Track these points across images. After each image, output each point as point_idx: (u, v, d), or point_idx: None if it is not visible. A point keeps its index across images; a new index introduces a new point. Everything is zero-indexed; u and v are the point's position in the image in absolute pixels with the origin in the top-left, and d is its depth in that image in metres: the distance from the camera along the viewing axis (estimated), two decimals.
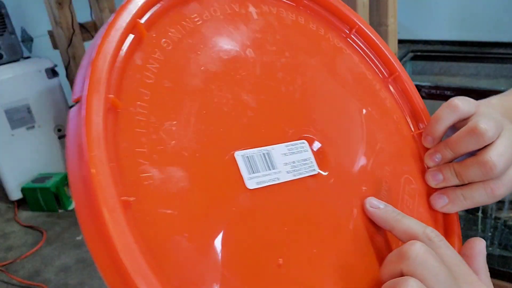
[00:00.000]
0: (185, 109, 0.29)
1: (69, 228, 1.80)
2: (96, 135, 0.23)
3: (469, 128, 0.34)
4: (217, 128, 0.29)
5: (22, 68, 1.91)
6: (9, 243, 1.75)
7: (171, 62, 0.29)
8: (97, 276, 1.51)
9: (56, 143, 2.04)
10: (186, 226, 0.25)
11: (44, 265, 1.60)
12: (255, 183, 0.29)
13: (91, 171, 0.22)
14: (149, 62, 0.29)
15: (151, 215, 0.25)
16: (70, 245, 1.69)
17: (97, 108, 0.24)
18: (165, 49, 0.30)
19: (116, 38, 0.27)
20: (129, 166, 0.25)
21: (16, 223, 1.88)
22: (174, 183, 0.26)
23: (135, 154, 0.25)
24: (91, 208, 0.22)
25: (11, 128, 1.91)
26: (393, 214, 0.32)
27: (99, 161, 0.23)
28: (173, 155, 0.27)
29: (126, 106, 0.26)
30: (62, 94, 2.03)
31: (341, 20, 0.41)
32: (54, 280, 1.52)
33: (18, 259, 1.64)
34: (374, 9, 1.22)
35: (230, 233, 0.27)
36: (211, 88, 0.30)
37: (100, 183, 0.22)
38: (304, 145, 0.33)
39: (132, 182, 0.25)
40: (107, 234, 0.21)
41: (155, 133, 0.27)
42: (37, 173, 2.00)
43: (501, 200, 1.31)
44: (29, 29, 2.78)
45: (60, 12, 1.89)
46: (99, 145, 0.23)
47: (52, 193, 1.89)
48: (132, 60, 0.28)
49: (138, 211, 0.24)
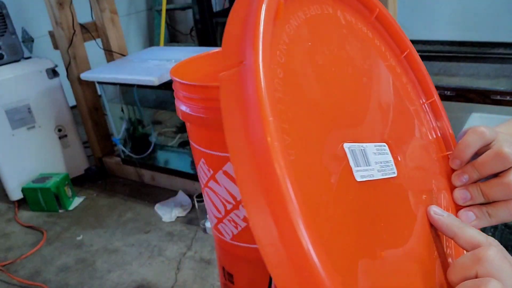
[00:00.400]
0: (307, 91, 0.32)
1: (70, 228, 1.80)
2: (268, 103, 0.25)
3: (495, 152, 0.38)
4: (329, 115, 0.33)
5: (23, 68, 1.91)
6: (10, 243, 1.76)
7: (293, 47, 0.32)
8: (97, 276, 1.51)
9: (56, 143, 2.05)
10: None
11: (45, 265, 1.60)
12: (360, 176, 0.32)
13: (267, 139, 0.24)
14: (280, 42, 0.31)
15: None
16: (70, 245, 1.69)
17: (266, 75, 0.25)
18: (289, 34, 0.32)
19: (271, 15, 0.28)
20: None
21: (17, 223, 1.89)
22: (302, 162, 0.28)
23: (282, 130, 0.27)
24: (263, 169, 0.24)
25: (12, 128, 1.91)
26: (456, 222, 0.35)
27: (273, 128, 0.24)
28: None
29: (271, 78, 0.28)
30: (63, 94, 2.03)
31: (396, 42, 0.46)
32: (54, 280, 1.52)
33: (19, 259, 1.64)
34: None
35: (343, 220, 0.29)
36: (320, 78, 0.33)
37: (274, 148, 0.24)
38: (385, 148, 0.37)
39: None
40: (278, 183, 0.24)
41: (291, 111, 0.29)
42: (37, 173, 2.00)
43: None
44: (29, 30, 2.78)
45: (61, 12, 1.89)
46: (272, 112, 0.25)
47: (52, 193, 1.89)
48: (273, 37, 0.29)
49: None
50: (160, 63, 1.78)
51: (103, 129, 2.17)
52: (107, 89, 1.92)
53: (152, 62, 1.82)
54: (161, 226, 1.72)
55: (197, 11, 2.46)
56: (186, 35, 3.64)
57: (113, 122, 2.01)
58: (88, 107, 2.09)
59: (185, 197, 1.85)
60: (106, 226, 1.78)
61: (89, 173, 2.12)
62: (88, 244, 1.68)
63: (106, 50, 2.10)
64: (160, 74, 1.60)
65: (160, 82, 1.59)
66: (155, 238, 1.66)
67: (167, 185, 1.97)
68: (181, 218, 1.76)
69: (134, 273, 1.49)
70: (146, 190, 2.01)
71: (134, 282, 1.45)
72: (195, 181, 1.84)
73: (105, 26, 2.04)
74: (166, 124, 2.42)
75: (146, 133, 2.00)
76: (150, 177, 2.02)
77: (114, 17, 2.06)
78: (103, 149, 2.19)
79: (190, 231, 1.67)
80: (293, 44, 0.31)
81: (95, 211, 1.90)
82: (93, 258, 1.60)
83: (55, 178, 1.94)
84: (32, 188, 1.91)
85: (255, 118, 0.24)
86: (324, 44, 0.36)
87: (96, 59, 2.12)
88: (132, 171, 2.07)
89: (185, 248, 1.58)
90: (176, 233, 1.67)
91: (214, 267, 1.46)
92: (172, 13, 3.66)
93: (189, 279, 1.43)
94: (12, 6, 2.04)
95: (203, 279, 1.42)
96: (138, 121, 2.00)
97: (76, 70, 1.99)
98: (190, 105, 0.66)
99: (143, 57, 1.92)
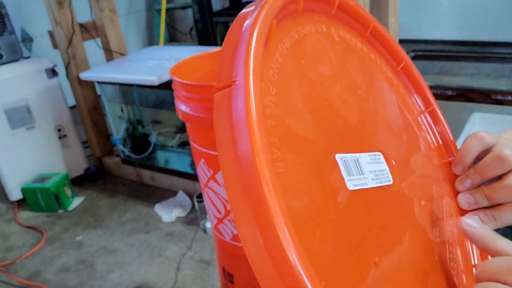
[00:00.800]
0: (300, 107, 0.33)
1: (69, 229, 1.80)
2: (256, 118, 0.27)
3: (495, 155, 0.39)
4: (321, 128, 0.34)
5: (22, 68, 1.91)
6: (9, 244, 1.75)
7: (286, 65, 0.34)
8: (97, 276, 1.51)
9: (56, 143, 2.04)
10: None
11: (44, 265, 1.60)
12: (352, 185, 0.33)
13: (253, 152, 0.26)
14: (273, 61, 0.33)
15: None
16: (70, 246, 1.69)
17: (256, 93, 0.27)
18: (282, 53, 0.34)
19: (262, 38, 0.30)
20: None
21: (16, 223, 1.88)
22: (292, 173, 0.29)
23: (270, 144, 0.28)
24: (249, 181, 0.25)
25: (11, 128, 1.91)
26: (489, 234, 0.36)
27: (260, 141, 0.26)
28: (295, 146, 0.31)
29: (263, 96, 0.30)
30: (62, 94, 2.02)
31: (392, 55, 0.48)
32: (54, 280, 1.52)
33: (18, 260, 1.64)
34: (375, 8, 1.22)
35: (332, 227, 0.30)
36: (313, 93, 0.35)
37: (260, 161, 0.25)
38: (380, 157, 0.38)
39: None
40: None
41: (282, 126, 0.30)
42: (37, 173, 2.00)
43: None
44: (29, 29, 2.78)
45: (60, 12, 1.89)
46: (259, 127, 0.26)
47: (52, 193, 1.89)
48: (265, 57, 0.32)
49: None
50: (160, 62, 1.77)
51: (103, 129, 2.17)
52: (107, 89, 1.92)
53: (151, 61, 1.82)
54: (161, 227, 1.72)
55: (197, 11, 2.46)
56: (186, 34, 3.64)
57: (113, 122, 2.00)
58: (88, 107, 2.08)
59: (185, 197, 1.85)
60: (105, 226, 1.78)
61: (89, 173, 2.12)
62: (87, 244, 1.68)
63: (105, 49, 2.10)
64: (160, 73, 1.60)
65: (159, 82, 1.58)
66: (155, 239, 1.65)
67: (167, 185, 1.97)
68: (181, 218, 1.75)
69: (134, 274, 1.49)
70: (145, 190, 2.00)
71: (134, 283, 1.45)
72: (195, 181, 1.84)
73: (105, 26, 2.03)
74: (165, 124, 2.42)
75: (145, 133, 2.00)
76: (150, 177, 2.02)
77: (113, 17, 2.05)
78: (103, 149, 2.18)
79: (190, 231, 1.67)
80: (286, 62, 0.33)
81: (94, 211, 1.90)
82: (92, 259, 1.60)
83: (55, 178, 1.93)
84: (31, 188, 1.91)
85: (243, 133, 0.26)
86: (318, 60, 0.38)
87: (96, 58, 2.12)
88: (132, 171, 2.07)
89: (185, 248, 1.58)
90: (176, 233, 1.67)
91: (214, 268, 1.46)
92: (172, 13, 3.65)
93: (189, 279, 1.43)
94: (11, 6, 2.04)
95: (203, 280, 1.42)
96: (138, 121, 1.99)
97: (76, 69, 1.99)
98: (190, 105, 0.65)
99: (142, 57, 1.92)
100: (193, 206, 1.79)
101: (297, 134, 0.32)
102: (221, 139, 0.28)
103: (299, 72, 0.35)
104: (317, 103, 0.35)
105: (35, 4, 2.40)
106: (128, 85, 1.74)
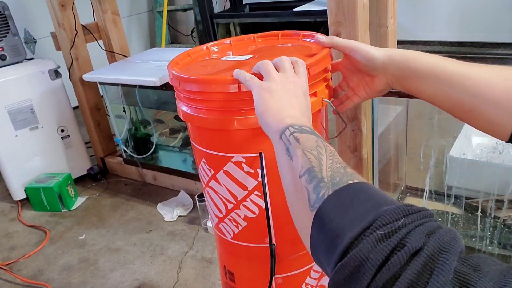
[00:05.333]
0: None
1: (72, 228, 1.82)
2: None
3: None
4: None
5: (26, 69, 1.93)
6: (13, 243, 1.77)
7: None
8: (100, 275, 1.52)
9: (59, 143, 2.06)
10: None
11: (48, 264, 1.62)
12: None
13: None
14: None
15: None
16: (73, 245, 1.71)
17: None
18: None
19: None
20: None
21: (20, 222, 1.90)
22: None
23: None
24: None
25: (15, 129, 1.93)
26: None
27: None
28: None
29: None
30: (65, 95, 2.04)
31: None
32: (57, 279, 1.53)
33: (22, 259, 1.66)
34: (374, 10, 1.23)
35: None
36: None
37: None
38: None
39: None
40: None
41: None
42: (40, 173, 2.02)
43: (500, 200, 1.31)
44: (32, 31, 2.80)
45: (63, 13, 1.90)
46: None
47: (55, 193, 1.90)
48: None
49: None
50: (162, 64, 1.79)
51: (105, 130, 2.19)
52: (109, 90, 1.93)
53: (153, 63, 1.84)
54: (163, 226, 1.74)
55: (198, 12, 2.47)
56: (187, 36, 3.65)
57: (115, 122, 2.02)
58: (90, 107, 2.10)
59: (186, 196, 1.87)
60: (108, 225, 1.79)
61: (92, 173, 2.14)
62: (90, 243, 1.70)
63: (108, 51, 2.12)
64: (162, 75, 1.61)
65: (161, 82, 1.60)
66: (157, 237, 1.67)
67: (168, 185, 1.98)
68: (183, 217, 1.77)
69: (136, 272, 1.51)
70: (148, 189, 2.02)
71: (136, 281, 1.47)
72: (196, 181, 1.86)
73: (107, 28, 2.05)
74: (167, 124, 2.43)
75: (147, 134, 2.02)
76: (152, 177, 2.03)
77: (116, 19, 2.07)
78: (105, 149, 2.20)
79: (191, 230, 1.68)
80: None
81: (97, 210, 1.92)
82: (95, 257, 1.61)
83: (58, 178, 1.95)
84: (35, 188, 1.93)
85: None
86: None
87: (98, 60, 2.14)
88: (134, 171, 2.08)
89: (187, 247, 1.59)
90: (178, 232, 1.68)
91: (215, 266, 1.47)
92: (173, 14, 3.67)
93: (191, 278, 1.44)
94: (14, 8, 2.05)
95: (205, 278, 1.43)
96: (140, 121, 2.01)
97: (78, 71, 2.00)
98: (191, 105, 0.67)
99: (144, 58, 1.94)
100: (194, 206, 1.81)
101: None
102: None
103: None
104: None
105: (38, 6, 2.41)
106: (130, 86, 1.76)
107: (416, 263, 0.30)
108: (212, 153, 0.69)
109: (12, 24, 1.92)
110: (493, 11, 2.03)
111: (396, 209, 0.34)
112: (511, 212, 1.31)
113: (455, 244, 0.31)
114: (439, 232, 0.32)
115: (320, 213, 0.38)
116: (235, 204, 0.72)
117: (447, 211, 1.42)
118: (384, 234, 0.32)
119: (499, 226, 1.31)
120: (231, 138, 0.66)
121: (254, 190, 0.69)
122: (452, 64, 0.56)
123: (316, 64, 0.62)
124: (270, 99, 0.53)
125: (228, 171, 0.69)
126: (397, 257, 0.31)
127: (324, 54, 0.64)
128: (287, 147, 0.46)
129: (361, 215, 0.35)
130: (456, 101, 0.55)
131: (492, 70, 0.53)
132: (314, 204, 0.39)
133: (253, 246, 0.76)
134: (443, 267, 0.29)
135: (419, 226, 0.33)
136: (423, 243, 0.31)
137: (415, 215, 0.34)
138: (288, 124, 0.48)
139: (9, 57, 1.92)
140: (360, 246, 0.33)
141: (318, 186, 0.40)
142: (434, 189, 1.45)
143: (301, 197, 0.42)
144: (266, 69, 0.57)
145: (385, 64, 0.61)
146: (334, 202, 0.38)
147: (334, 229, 0.36)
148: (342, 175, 0.40)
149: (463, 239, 1.30)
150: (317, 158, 0.43)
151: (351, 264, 0.32)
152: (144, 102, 1.84)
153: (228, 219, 0.75)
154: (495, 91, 0.51)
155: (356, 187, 0.39)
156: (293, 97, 0.54)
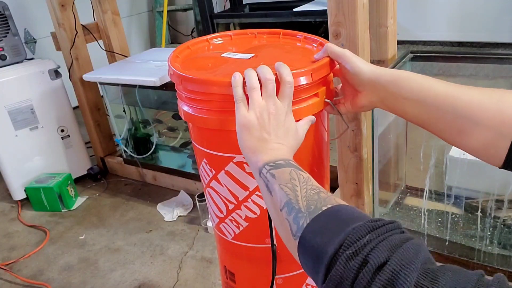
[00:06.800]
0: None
1: (72, 228, 1.82)
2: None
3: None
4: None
5: (26, 69, 1.93)
6: (13, 243, 1.77)
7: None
8: (100, 275, 1.52)
9: (59, 143, 2.06)
10: None
11: (48, 264, 1.62)
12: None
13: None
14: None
15: None
16: (73, 244, 1.71)
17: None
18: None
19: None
20: None
21: (20, 222, 1.90)
22: None
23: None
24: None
25: (15, 129, 1.93)
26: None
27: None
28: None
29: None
30: (65, 95, 2.04)
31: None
32: (57, 279, 1.53)
33: (22, 258, 1.66)
34: (373, 10, 1.23)
35: None
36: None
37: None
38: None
39: None
40: None
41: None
42: (40, 173, 2.02)
43: (500, 200, 1.31)
44: (32, 31, 2.80)
45: (63, 13, 1.90)
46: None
47: (55, 193, 1.90)
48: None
49: None
50: (162, 64, 1.79)
51: (105, 130, 2.19)
52: (109, 90, 1.93)
53: (153, 63, 1.84)
54: (163, 226, 1.74)
55: (198, 12, 2.48)
56: (187, 36, 3.65)
57: (115, 122, 2.02)
58: (90, 107, 2.10)
59: (186, 196, 1.87)
60: (108, 225, 1.80)
61: (92, 173, 2.14)
62: (90, 243, 1.70)
63: (108, 51, 2.12)
64: (162, 74, 1.62)
65: (161, 82, 1.60)
66: (157, 237, 1.67)
67: (168, 185, 1.98)
68: (183, 217, 1.77)
69: (136, 272, 1.51)
70: (148, 189, 2.02)
71: (136, 281, 1.47)
72: (196, 181, 1.86)
73: (107, 28, 2.05)
74: (167, 124, 2.43)
75: (147, 133, 2.02)
76: (152, 177, 2.04)
77: (116, 19, 2.07)
78: (105, 149, 2.20)
79: (191, 230, 1.68)
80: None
81: (97, 210, 1.92)
82: (95, 257, 1.61)
83: (58, 178, 1.95)
84: (35, 188, 1.93)
85: None
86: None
87: (98, 60, 2.14)
88: (134, 171, 2.09)
89: (187, 247, 1.59)
90: (178, 232, 1.69)
91: (215, 266, 1.47)
92: (173, 15, 3.67)
93: (191, 278, 1.44)
94: (14, 8, 2.05)
95: (205, 278, 1.43)
96: (140, 121, 2.01)
97: (78, 71, 2.01)
98: (192, 105, 0.66)
99: (144, 58, 1.94)
100: (194, 206, 1.81)
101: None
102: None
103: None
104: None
105: (38, 6, 2.41)
106: (130, 86, 1.76)
107: (380, 279, 0.34)
108: (213, 153, 0.69)
109: (12, 24, 1.92)
110: (493, 11, 2.04)
111: (361, 226, 0.38)
112: (511, 212, 1.31)
113: (417, 259, 0.34)
114: (403, 247, 0.36)
115: (303, 240, 0.43)
116: (236, 204, 0.72)
117: (447, 211, 1.42)
118: (352, 253, 0.37)
119: (499, 226, 1.31)
120: (232, 138, 0.65)
121: (255, 191, 0.69)
122: (441, 84, 0.54)
123: (318, 70, 0.62)
124: (248, 138, 0.56)
125: (229, 171, 0.69)
126: (363, 274, 0.35)
127: (326, 61, 0.64)
128: (266, 184, 0.51)
129: (333, 237, 0.39)
130: (445, 123, 0.54)
131: (483, 91, 0.52)
132: (296, 233, 0.44)
133: (254, 247, 0.76)
134: (404, 283, 0.33)
135: (383, 241, 0.37)
136: (387, 258, 0.35)
137: (380, 230, 0.38)
138: (264, 162, 0.52)
139: (9, 57, 1.92)
140: (335, 267, 0.37)
141: (297, 217, 0.45)
142: (434, 189, 1.45)
143: (285, 228, 0.46)
144: (251, 94, 0.57)
145: (370, 81, 0.59)
146: (312, 229, 0.43)
147: (315, 253, 0.40)
148: (316, 202, 0.45)
149: (463, 239, 1.30)
150: (293, 190, 0.47)
151: (331, 285, 0.37)
152: (144, 102, 1.84)
153: (229, 219, 0.75)
154: (487, 113, 0.50)
155: (329, 212, 0.43)
156: (271, 129, 0.55)
